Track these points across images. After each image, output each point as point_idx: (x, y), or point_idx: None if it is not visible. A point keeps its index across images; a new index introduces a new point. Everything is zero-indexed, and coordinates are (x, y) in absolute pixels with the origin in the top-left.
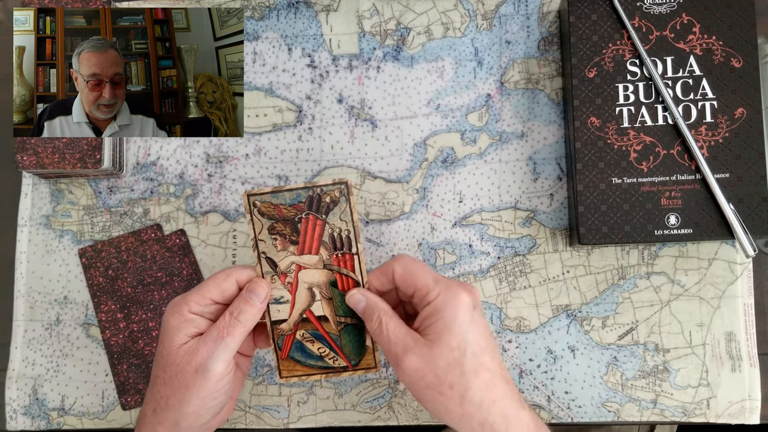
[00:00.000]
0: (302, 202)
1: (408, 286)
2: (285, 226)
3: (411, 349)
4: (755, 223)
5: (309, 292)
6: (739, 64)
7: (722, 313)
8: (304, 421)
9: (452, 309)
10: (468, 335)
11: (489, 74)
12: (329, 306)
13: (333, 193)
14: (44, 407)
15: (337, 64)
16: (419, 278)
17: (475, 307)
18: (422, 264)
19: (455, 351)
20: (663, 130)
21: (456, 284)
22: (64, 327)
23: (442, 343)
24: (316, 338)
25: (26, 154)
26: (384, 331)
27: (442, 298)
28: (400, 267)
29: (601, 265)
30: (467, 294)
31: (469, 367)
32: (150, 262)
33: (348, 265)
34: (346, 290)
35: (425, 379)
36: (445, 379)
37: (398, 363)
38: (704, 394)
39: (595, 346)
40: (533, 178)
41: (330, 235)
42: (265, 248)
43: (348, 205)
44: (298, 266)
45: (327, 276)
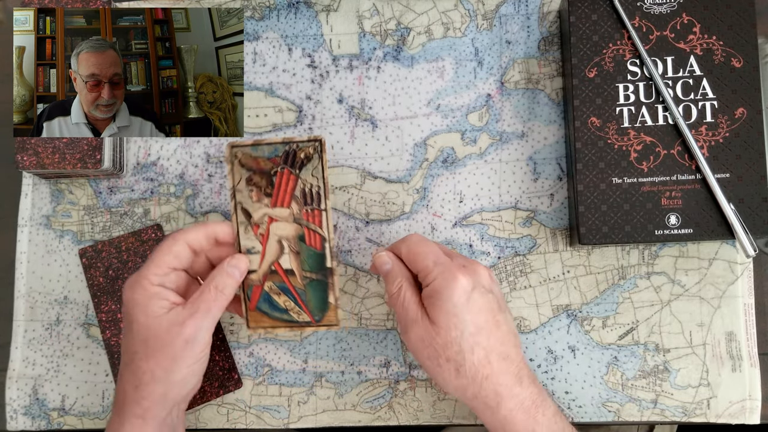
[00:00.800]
0: (279, 156)
1: (413, 266)
2: (261, 179)
3: (418, 322)
4: (755, 223)
5: (279, 244)
6: (739, 64)
7: (723, 313)
8: (304, 421)
9: (448, 292)
10: (465, 316)
11: (489, 74)
12: (296, 260)
13: (308, 149)
14: (44, 407)
15: (337, 64)
16: (420, 261)
17: (474, 288)
18: (427, 244)
19: (452, 331)
20: (663, 130)
21: (455, 267)
22: (64, 327)
23: (440, 324)
24: (283, 291)
25: (26, 154)
26: (400, 298)
27: (439, 282)
28: (405, 247)
29: (602, 265)
30: (465, 277)
31: (466, 345)
32: (125, 253)
33: (316, 221)
34: (313, 245)
35: (427, 350)
36: (443, 354)
37: (405, 331)
38: (704, 394)
39: (595, 346)
40: (533, 178)
41: (302, 190)
42: (242, 198)
43: (320, 162)
44: (270, 218)
45: (296, 230)
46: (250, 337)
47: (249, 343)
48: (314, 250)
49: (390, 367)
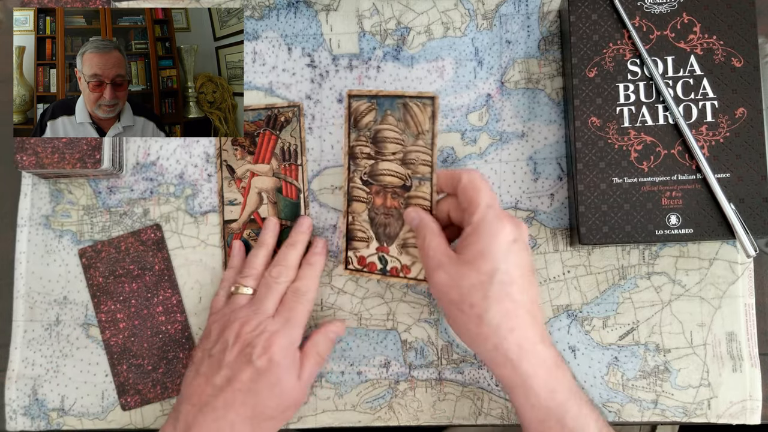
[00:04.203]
0: (262, 119)
1: (465, 198)
2: (245, 139)
3: (443, 266)
4: (756, 223)
5: (258, 196)
6: (739, 63)
7: (723, 313)
8: (304, 422)
9: (491, 235)
10: (500, 264)
11: (489, 74)
12: (274, 209)
13: (287, 113)
14: (44, 408)
15: (337, 64)
16: (476, 195)
17: (515, 240)
18: (488, 186)
19: (482, 275)
20: (664, 129)
21: (505, 216)
22: (63, 327)
23: (472, 265)
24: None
25: (26, 154)
26: (426, 247)
27: (486, 222)
28: (467, 178)
29: (602, 265)
30: (512, 226)
31: (493, 293)
32: (123, 254)
33: (293, 175)
34: (289, 196)
35: (449, 295)
36: (467, 299)
37: (430, 276)
38: (705, 395)
39: (595, 347)
40: (534, 178)
41: (281, 148)
42: (227, 157)
43: (298, 125)
44: (252, 173)
45: (275, 183)
46: None
47: None
48: (290, 200)
49: (390, 368)
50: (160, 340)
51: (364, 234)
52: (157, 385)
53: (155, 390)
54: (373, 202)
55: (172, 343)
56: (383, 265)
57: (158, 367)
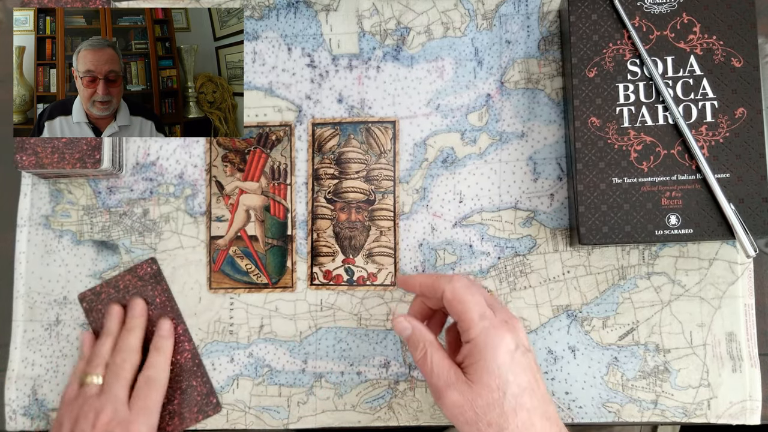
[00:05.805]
0: (253, 137)
1: (453, 312)
2: (236, 156)
3: (453, 385)
4: (756, 223)
5: (246, 213)
6: (739, 63)
7: (723, 313)
8: (304, 422)
9: (492, 351)
10: (508, 376)
11: (489, 74)
12: (261, 227)
13: (279, 132)
14: (44, 408)
15: (336, 64)
16: (465, 311)
17: (517, 347)
18: (473, 293)
19: (495, 392)
20: (663, 129)
21: (500, 324)
22: (63, 327)
23: (482, 384)
24: (245, 255)
25: (25, 154)
26: (428, 363)
27: (483, 338)
28: (450, 291)
29: (602, 265)
30: (510, 334)
31: (509, 407)
32: (123, 292)
33: (281, 194)
34: (277, 215)
35: (465, 416)
36: (484, 417)
37: (440, 396)
38: (705, 395)
39: (595, 347)
40: (533, 178)
41: (271, 166)
42: (216, 173)
43: (289, 144)
44: (240, 190)
45: (263, 201)
46: (249, 337)
47: (248, 343)
48: (277, 219)
49: (390, 368)
50: (173, 372)
51: (329, 249)
52: (175, 417)
53: (174, 422)
54: (338, 218)
55: (184, 372)
56: (350, 275)
57: (173, 399)
